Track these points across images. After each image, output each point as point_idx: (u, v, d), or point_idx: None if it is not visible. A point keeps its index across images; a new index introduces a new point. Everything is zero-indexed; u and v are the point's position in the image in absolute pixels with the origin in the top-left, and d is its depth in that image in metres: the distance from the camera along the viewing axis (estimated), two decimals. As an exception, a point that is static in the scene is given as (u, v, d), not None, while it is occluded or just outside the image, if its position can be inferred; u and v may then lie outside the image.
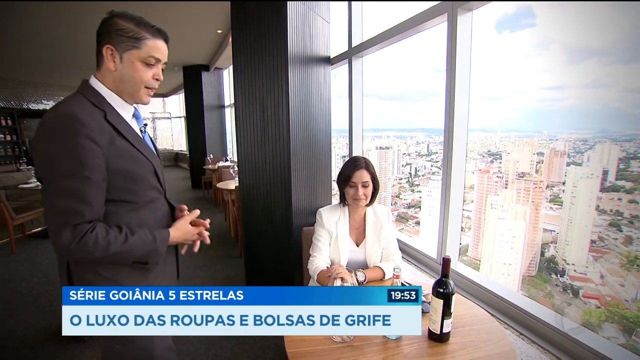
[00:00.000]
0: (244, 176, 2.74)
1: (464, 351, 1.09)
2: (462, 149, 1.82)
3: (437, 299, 1.12)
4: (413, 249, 2.17)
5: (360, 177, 1.59)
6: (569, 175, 2.13)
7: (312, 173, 2.71)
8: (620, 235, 1.90)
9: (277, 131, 2.53)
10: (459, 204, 1.86)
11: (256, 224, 2.74)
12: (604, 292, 1.91)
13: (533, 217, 2.29)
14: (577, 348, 1.22)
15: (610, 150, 1.91)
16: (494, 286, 1.62)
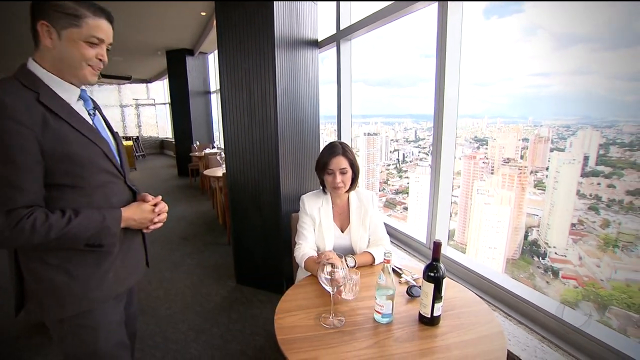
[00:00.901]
0: (231, 162, 2.66)
1: (454, 334, 1.08)
2: (452, 135, 1.80)
3: (428, 283, 1.10)
4: (402, 233, 2.16)
5: (337, 163, 1.52)
6: (552, 161, 2.16)
7: (300, 158, 2.65)
8: (598, 218, 1.95)
9: (264, 116, 2.45)
10: (447, 190, 1.85)
11: (244, 211, 2.68)
12: (581, 272, 1.98)
13: (517, 202, 2.32)
14: (562, 327, 1.23)
15: (592, 137, 1.95)
16: (483, 269, 1.62)
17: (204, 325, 2.32)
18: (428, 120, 3.02)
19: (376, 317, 1.16)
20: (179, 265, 3.29)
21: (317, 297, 1.30)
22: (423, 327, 1.12)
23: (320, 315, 1.19)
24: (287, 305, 1.27)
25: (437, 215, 1.84)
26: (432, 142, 1.86)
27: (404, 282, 1.41)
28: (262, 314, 2.42)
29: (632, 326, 1.68)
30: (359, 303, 1.26)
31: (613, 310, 1.77)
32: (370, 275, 1.47)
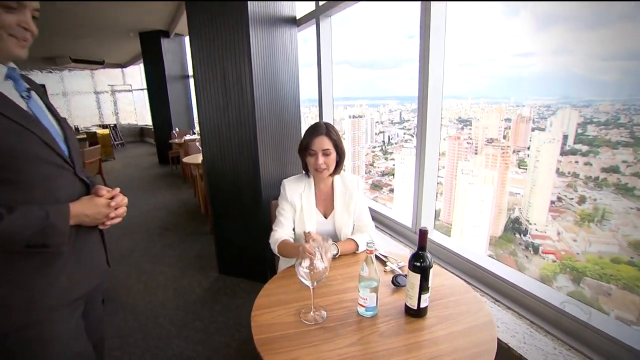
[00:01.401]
0: (207, 146, 2.50)
1: (443, 325, 1.01)
2: (437, 116, 1.71)
3: (414, 273, 1.02)
4: (388, 218, 2.08)
5: (320, 144, 1.41)
6: (534, 140, 2.19)
7: (281, 143, 2.51)
8: (576, 195, 2.00)
9: (240, 97, 2.28)
10: (433, 173, 1.76)
11: (223, 197, 2.55)
12: (559, 247, 2.04)
13: (500, 181, 2.35)
14: (550, 311, 1.19)
15: (570, 116, 1.98)
16: (470, 254, 1.56)
17: (186, 319, 2.22)
18: (413, 102, 3.04)
19: (360, 310, 1.08)
20: (160, 257, 3.15)
21: (297, 290, 1.21)
22: (410, 319, 1.05)
23: (300, 311, 1.10)
24: (265, 301, 1.17)
25: (423, 199, 1.76)
26: (416, 124, 1.76)
27: (389, 270, 1.34)
28: (246, 304, 2.34)
29: (603, 295, 1.76)
30: (341, 295, 1.18)
31: (586, 281, 1.86)
32: (354, 265, 1.39)
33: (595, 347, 1.05)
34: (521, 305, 1.28)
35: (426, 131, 1.69)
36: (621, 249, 1.78)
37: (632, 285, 1.67)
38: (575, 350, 1.05)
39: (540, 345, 1.09)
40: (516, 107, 2.32)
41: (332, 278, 1.28)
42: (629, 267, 1.72)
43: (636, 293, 1.63)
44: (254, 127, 2.29)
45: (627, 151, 1.79)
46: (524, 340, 1.11)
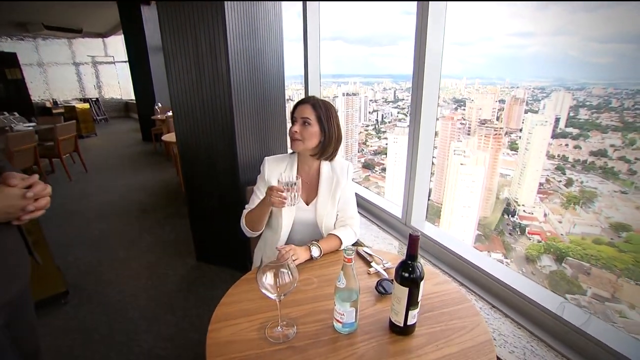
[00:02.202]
0: (180, 125, 2.24)
1: (433, 346, 0.84)
2: (434, 97, 1.50)
3: (401, 286, 0.83)
4: (376, 206, 1.89)
5: (300, 111, 1.24)
6: (526, 123, 2.17)
7: (261, 120, 2.26)
8: (564, 177, 2.02)
9: (214, 70, 2.00)
10: (426, 164, 1.56)
11: (197, 181, 2.32)
12: (545, 228, 2.08)
13: (492, 162, 2.35)
14: (554, 321, 1.03)
15: (564, 99, 1.95)
16: (466, 252, 1.38)
17: (158, 312, 2.04)
18: (407, 81, 3.12)
19: (336, 325, 0.89)
20: (136, 242, 2.93)
21: (264, 297, 1.01)
22: (395, 337, 0.87)
23: (266, 325, 0.92)
24: (226, 311, 0.99)
25: (415, 190, 1.57)
26: (410, 106, 1.55)
27: (374, 272, 1.15)
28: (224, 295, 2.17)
29: (583, 274, 1.82)
30: (316, 304, 1.00)
31: (569, 261, 1.90)
32: (334, 265, 1.20)
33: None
34: (521, 312, 1.11)
35: (420, 113, 1.48)
36: (603, 230, 1.82)
37: (610, 265, 1.72)
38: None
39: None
40: (511, 88, 2.28)
41: (306, 281, 1.10)
42: (609, 248, 1.76)
43: (613, 272, 1.69)
44: (229, 104, 2.03)
45: (615, 135, 1.80)
46: (524, 357, 0.95)
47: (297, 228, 1.35)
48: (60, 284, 2.12)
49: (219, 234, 2.40)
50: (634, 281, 1.66)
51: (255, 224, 1.28)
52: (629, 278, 1.68)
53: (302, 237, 1.37)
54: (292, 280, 0.85)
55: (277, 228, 1.34)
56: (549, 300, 1.07)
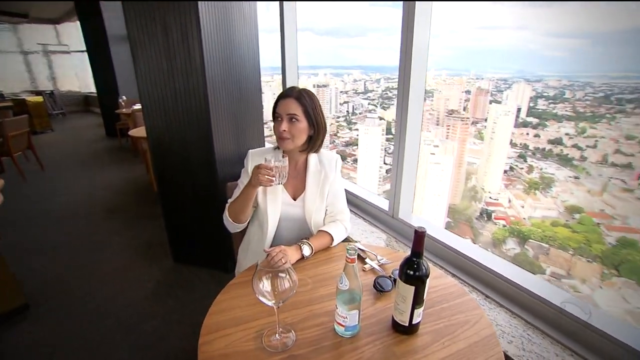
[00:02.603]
0: (150, 119, 2.06)
1: (440, 344, 0.80)
2: (420, 91, 1.47)
3: (406, 285, 0.79)
4: (361, 199, 1.85)
5: (285, 107, 1.15)
6: (491, 113, 2.24)
7: (239, 115, 2.13)
8: (525, 165, 2.10)
9: (187, 61, 1.85)
10: (413, 155, 1.54)
11: (172, 178, 2.16)
12: (510, 213, 2.17)
13: (459, 151, 2.40)
14: (548, 309, 1.04)
15: (524, 90, 2.03)
16: (455, 242, 1.37)
17: (134, 320, 1.89)
18: (377, 72, 3.12)
19: (338, 329, 0.84)
20: (105, 245, 2.71)
21: (257, 302, 0.92)
22: (399, 337, 0.83)
23: (262, 333, 0.85)
24: (217, 321, 0.89)
25: (402, 182, 1.54)
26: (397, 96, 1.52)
27: (369, 269, 1.11)
28: (205, 298, 2.04)
29: (543, 254, 1.92)
30: (313, 307, 0.94)
31: (530, 243, 1.99)
32: (327, 263, 1.15)
33: (596, 350, 0.91)
34: (514, 301, 1.12)
35: (407, 113, 1.46)
36: (559, 213, 1.93)
37: (565, 245, 1.83)
38: (578, 356, 0.91)
39: (540, 352, 0.94)
40: (476, 79, 2.34)
41: (300, 283, 1.02)
42: (564, 229, 1.87)
43: (567, 251, 1.81)
44: (205, 96, 1.89)
45: (569, 124, 1.91)
46: (522, 347, 0.95)
47: (284, 225, 1.28)
48: (19, 296, 1.91)
49: (196, 233, 2.26)
50: (585, 258, 1.77)
51: (240, 213, 1.19)
52: (580, 256, 1.79)
53: (290, 235, 1.30)
54: (292, 285, 0.78)
55: (262, 225, 1.26)
56: (537, 286, 1.08)
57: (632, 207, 1.69)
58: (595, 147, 1.85)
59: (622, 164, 1.75)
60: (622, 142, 1.74)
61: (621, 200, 1.73)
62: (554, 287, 1.08)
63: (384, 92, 3.07)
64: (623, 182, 1.75)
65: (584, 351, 0.92)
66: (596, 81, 1.83)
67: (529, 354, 0.93)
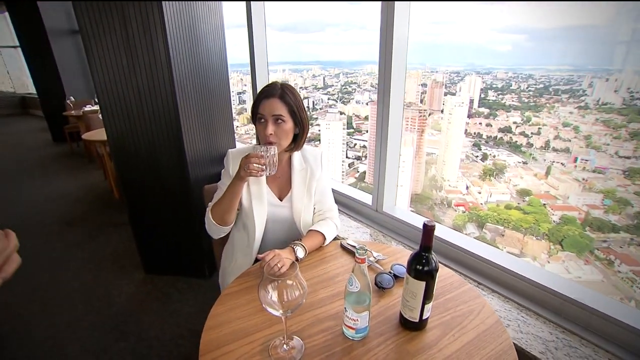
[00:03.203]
0: (110, 121, 1.85)
1: (450, 337, 0.79)
2: (400, 85, 1.46)
3: (416, 281, 0.76)
4: (343, 195, 1.81)
5: (270, 108, 1.06)
6: (447, 104, 2.31)
7: (207, 112, 1.99)
8: (480, 152, 2.20)
9: (150, 55, 1.68)
10: (396, 146, 1.53)
11: (139, 183, 1.97)
12: (468, 199, 2.25)
13: (418, 142, 2.45)
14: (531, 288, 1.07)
15: (475, 82, 2.12)
16: (442, 231, 1.38)
17: (107, 341, 1.70)
18: (335, 67, 3.15)
19: (348, 332, 0.79)
20: (63, 261, 2.42)
21: (257, 311, 0.87)
22: (409, 334, 0.81)
23: (268, 344, 0.78)
24: (216, 336, 0.81)
25: (386, 176, 1.53)
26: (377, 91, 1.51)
27: (366, 266, 1.07)
28: (184, 309, 1.90)
29: (499, 235, 2.02)
30: (316, 311, 0.88)
31: (488, 226, 2.08)
32: (323, 263, 1.10)
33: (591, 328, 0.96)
34: (505, 286, 1.15)
35: (389, 107, 1.45)
36: (511, 197, 2.05)
37: (518, 226, 1.93)
38: (571, 333, 0.95)
39: (536, 332, 0.97)
40: (431, 72, 2.39)
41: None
42: (516, 211, 1.98)
43: (520, 232, 1.91)
44: (172, 93, 1.73)
45: (516, 113, 2.03)
46: (520, 329, 0.98)
47: (272, 227, 1.20)
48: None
49: (168, 240, 2.09)
50: (535, 237, 1.91)
51: (226, 213, 1.08)
52: (531, 235, 1.92)
53: (278, 237, 1.23)
54: (302, 293, 0.72)
55: (248, 229, 1.18)
56: (524, 268, 1.12)
57: (570, 187, 1.83)
58: (539, 134, 1.98)
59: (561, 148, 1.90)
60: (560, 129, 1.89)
61: (562, 182, 1.88)
62: (540, 268, 1.12)
63: (343, 87, 3.09)
64: (562, 165, 1.90)
65: (573, 327, 0.96)
66: (536, 73, 1.97)
67: (526, 335, 0.95)
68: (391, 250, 1.17)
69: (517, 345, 0.92)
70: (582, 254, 1.74)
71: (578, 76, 1.80)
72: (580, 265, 1.73)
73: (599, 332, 0.94)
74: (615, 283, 1.63)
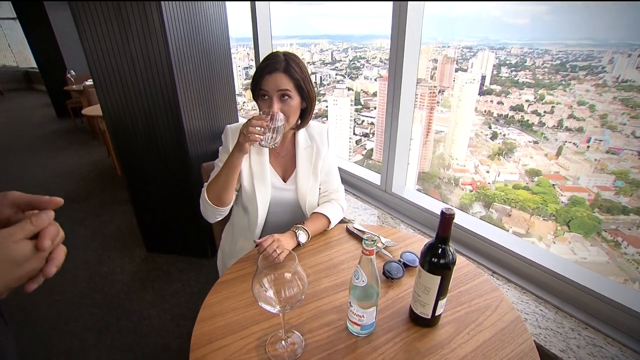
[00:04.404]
0: (105, 95, 1.74)
1: (465, 335, 0.71)
2: (414, 60, 1.34)
3: (429, 274, 0.67)
4: (350, 174, 1.71)
5: (274, 83, 0.93)
6: (457, 81, 2.21)
7: (208, 86, 1.87)
8: (490, 131, 2.13)
9: (142, 18, 1.54)
10: (407, 124, 1.41)
11: (137, 160, 1.89)
12: (476, 178, 2.19)
13: (427, 120, 2.37)
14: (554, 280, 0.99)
15: (488, 58, 2.02)
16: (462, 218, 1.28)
17: (108, 320, 1.68)
18: (344, 41, 3.00)
19: (352, 328, 0.72)
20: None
21: (254, 301, 0.79)
22: (419, 331, 0.73)
23: (265, 340, 0.71)
24: (209, 328, 0.74)
25: (396, 154, 1.41)
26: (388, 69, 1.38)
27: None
28: (185, 288, 1.87)
29: (506, 215, 1.98)
30: (318, 302, 0.81)
31: (495, 206, 2.04)
32: (327, 249, 1.02)
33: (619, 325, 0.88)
34: (522, 275, 1.06)
35: (401, 83, 1.32)
36: (520, 176, 1.99)
37: (525, 206, 1.90)
38: (595, 330, 0.87)
39: (556, 328, 0.89)
40: (442, 47, 2.30)
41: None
42: (524, 192, 1.94)
43: (527, 212, 1.88)
44: (168, 63, 1.61)
45: (529, 91, 1.94)
46: (538, 324, 0.90)
47: (275, 210, 1.11)
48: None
49: (169, 219, 2.04)
50: (542, 217, 1.87)
51: (223, 190, 0.96)
52: (538, 215, 1.88)
53: (281, 220, 1.14)
54: (302, 287, 0.64)
55: (249, 212, 1.09)
56: (544, 258, 1.03)
57: (582, 168, 1.77)
58: (552, 113, 1.90)
59: (575, 127, 1.83)
60: (575, 108, 1.80)
61: (573, 162, 1.82)
62: (562, 259, 1.03)
63: (351, 62, 2.96)
64: (575, 145, 1.83)
65: (598, 323, 0.88)
66: (554, 49, 1.86)
67: (545, 331, 0.88)
68: (401, 235, 1.09)
69: (535, 342, 0.84)
70: (589, 235, 1.69)
71: (598, 52, 1.68)
72: (587, 246, 1.69)
73: (628, 330, 0.85)
74: (621, 264, 1.60)
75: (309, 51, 3.13)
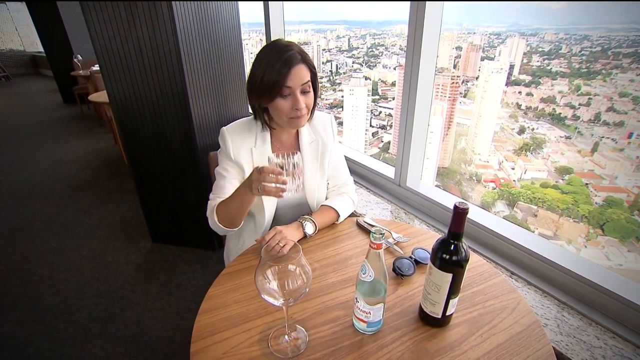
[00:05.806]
0: (111, 80, 1.80)
1: (477, 337, 0.71)
2: (433, 49, 1.31)
3: (441, 272, 0.68)
4: (363, 166, 1.71)
5: (299, 77, 0.89)
6: (482, 70, 2.15)
7: (217, 73, 1.90)
8: (517, 125, 2.07)
9: (151, 7, 1.57)
10: (424, 116, 1.39)
11: (144, 149, 1.94)
12: (500, 175, 2.15)
13: (449, 112, 2.32)
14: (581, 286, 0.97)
15: (518, 45, 1.96)
16: (474, 213, 1.27)
17: (112, 310, 1.75)
18: (362, 27, 2.94)
19: (358, 325, 0.73)
20: (72, 227, 2.50)
21: (258, 294, 0.82)
22: (429, 330, 0.74)
23: (268, 334, 0.73)
24: (211, 320, 0.77)
25: (411, 146, 1.40)
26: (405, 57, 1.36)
27: (384, 249, 0.99)
28: (191, 281, 1.93)
29: (531, 216, 1.93)
30: (324, 297, 0.82)
31: (520, 205, 2.00)
32: (335, 242, 1.03)
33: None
34: (544, 278, 1.05)
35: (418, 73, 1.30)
36: (549, 174, 1.94)
37: (553, 206, 1.85)
38: (624, 340, 0.85)
39: (579, 336, 0.87)
40: (467, 34, 2.24)
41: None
42: (553, 191, 1.89)
43: (555, 212, 1.83)
44: (176, 48, 1.63)
45: (563, 81, 1.86)
46: (559, 330, 0.89)
47: (283, 212, 1.13)
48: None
49: (175, 209, 2.09)
50: (572, 219, 1.81)
51: (234, 219, 0.97)
52: (568, 216, 1.83)
53: (289, 221, 1.15)
54: (306, 279, 0.65)
55: (256, 215, 1.11)
56: (569, 260, 1.01)
57: (621, 166, 1.70)
58: (589, 106, 1.83)
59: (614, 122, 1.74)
60: (615, 100, 1.71)
61: (611, 160, 1.74)
62: (588, 260, 1.00)
63: (369, 50, 2.92)
64: (613, 141, 1.75)
65: (627, 332, 0.86)
66: (594, 34, 1.77)
67: (567, 338, 0.86)
68: (413, 231, 1.08)
69: (556, 349, 0.83)
70: (626, 240, 1.63)
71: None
72: (623, 252, 1.62)
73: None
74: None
75: (324, 37, 3.12)
